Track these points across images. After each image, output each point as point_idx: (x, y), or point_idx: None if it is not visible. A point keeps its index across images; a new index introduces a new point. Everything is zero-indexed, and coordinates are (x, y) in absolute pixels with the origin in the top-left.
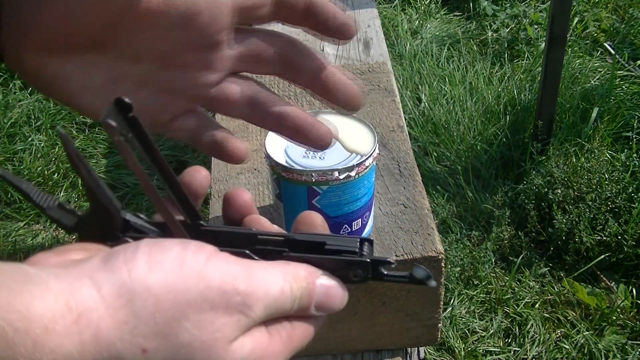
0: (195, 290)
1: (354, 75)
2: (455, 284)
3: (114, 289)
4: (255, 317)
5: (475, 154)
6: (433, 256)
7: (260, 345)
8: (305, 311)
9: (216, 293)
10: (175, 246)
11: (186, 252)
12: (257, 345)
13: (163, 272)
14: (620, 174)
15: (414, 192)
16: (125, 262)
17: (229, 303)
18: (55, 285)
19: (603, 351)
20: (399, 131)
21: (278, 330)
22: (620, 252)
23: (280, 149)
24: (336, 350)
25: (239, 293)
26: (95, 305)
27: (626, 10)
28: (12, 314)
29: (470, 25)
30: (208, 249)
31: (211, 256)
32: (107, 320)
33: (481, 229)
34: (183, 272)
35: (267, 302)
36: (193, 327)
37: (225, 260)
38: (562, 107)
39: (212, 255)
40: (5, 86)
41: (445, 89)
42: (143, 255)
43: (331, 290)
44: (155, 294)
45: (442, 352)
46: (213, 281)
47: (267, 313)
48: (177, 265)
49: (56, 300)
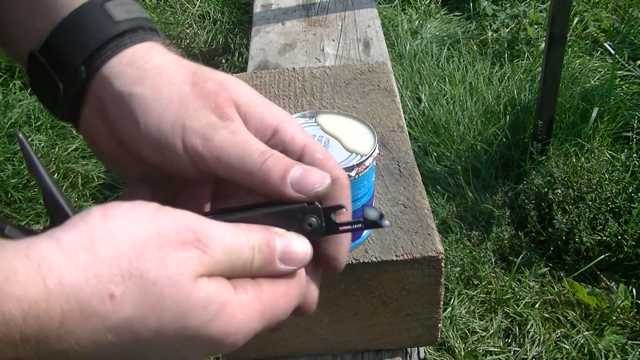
0: (151, 230)
1: (354, 75)
2: (455, 284)
3: (73, 238)
4: (214, 256)
5: (475, 154)
6: (433, 256)
7: (226, 292)
8: (271, 265)
9: (170, 231)
10: (124, 203)
11: (136, 205)
12: (223, 290)
13: (118, 219)
14: (620, 174)
15: (414, 192)
16: (81, 218)
17: (184, 239)
18: (11, 245)
19: (603, 351)
20: (399, 131)
21: (243, 286)
22: (620, 252)
23: None
24: (336, 350)
25: (192, 230)
26: (55, 253)
27: (626, 10)
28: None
29: (470, 25)
30: (156, 203)
31: (160, 206)
32: (70, 266)
33: (481, 229)
34: (136, 218)
35: (224, 246)
36: (156, 265)
37: (174, 209)
38: (562, 107)
39: (161, 206)
40: (5, 86)
41: (445, 89)
42: (97, 210)
43: (290, 239)
44: (114, 237)
45: (442, 352)
46: (165, 222)
47: (227, 260)
48: (130, 214)
49: (15, 254)
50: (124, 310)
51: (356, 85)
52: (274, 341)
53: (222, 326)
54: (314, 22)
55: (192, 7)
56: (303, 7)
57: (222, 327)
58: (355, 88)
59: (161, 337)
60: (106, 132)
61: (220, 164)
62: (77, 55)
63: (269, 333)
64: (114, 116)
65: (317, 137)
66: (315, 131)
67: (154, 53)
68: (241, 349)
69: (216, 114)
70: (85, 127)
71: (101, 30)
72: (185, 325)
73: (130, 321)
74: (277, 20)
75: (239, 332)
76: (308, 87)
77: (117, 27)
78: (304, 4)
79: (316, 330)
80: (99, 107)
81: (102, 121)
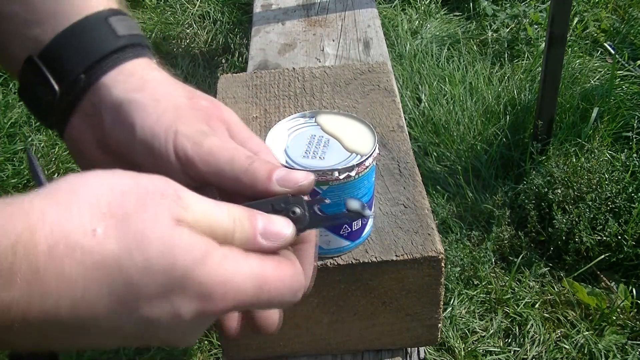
0: (130, 182)
1: (354, 75)
2: (455, 284)
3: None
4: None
5: (475, 154)
6: (433, 256)
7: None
8: (252, 239)
9: (150, 184)
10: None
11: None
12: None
13: (97, 174)
14: (620, 174)
15: (414, 192)
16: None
17: (164, 192)
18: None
19: (603, 351)
20: (399, 131)
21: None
22: (620, 252)
23: (280, 149)
24: (336, 350)
25: (172, 187)
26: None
27: (626, 10)
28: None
29: (470, 25)
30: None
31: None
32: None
33: (481, 229)
34: (115, 174)
35: (204, 209)
36: (136, 208)
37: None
38: (562, 107)
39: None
40: (5, 86)
41: (445, 89)
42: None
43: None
44: (93, 185)
45: (442, 352)
46: (145, 178)
47: (207, 223)
48: (109, 172)
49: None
50: (107, 245)
51: (356, 85)
52: (274, 341)
53: (210, 272)
54: (314, 22)
55: (192, 7)
56: (303, 7)
57: (210, 274)
58: (355, 88)
59: (150, 277)
60: (93, 139)
61: (209, 167)
62: (78, 63)
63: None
64: (110, 122)
65: (317, 137)
66: (315, 131)
67: (152, 68)
68: (241, 349)
69: (208, 125)
70: (72, 134)
71: (104, 42)
72: (173, 263)
73: (116, 257)
74: (277, 20)
75: (227, 283)
76: (308, 87)
77: (119, 41)
78: (304, 4)
79: (316, 330)
80: (92, 114)
81: (92, 130)
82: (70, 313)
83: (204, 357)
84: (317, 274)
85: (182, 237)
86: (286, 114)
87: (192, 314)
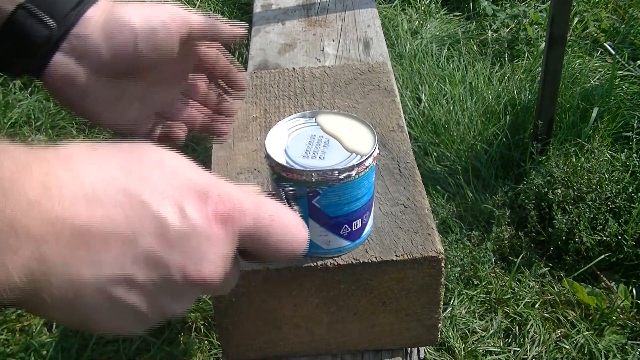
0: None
1: (354, 75)
2: (455, 284)
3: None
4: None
5: (475, 154)
6: (433, 256)
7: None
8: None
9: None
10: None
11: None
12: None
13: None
14: (620, 174)
15: (414, 192)
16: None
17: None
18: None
19: (603, 351)
20: (399, 131)
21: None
22: (620, 252)
23: (280, 148)
24: (336, 350)
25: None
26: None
27: (626, 10)
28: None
29: (470, 25)
30: None
31: None
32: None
33: (481, 229)
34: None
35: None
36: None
37: None
38: (562, 107)
39: None
40: (5, 86)
41: (445, 89)
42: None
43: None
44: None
45: (442, 352)
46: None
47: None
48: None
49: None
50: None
51: (356, 85)
52: (274, 341)
53: (210, 177)
54: (314, 22)
55: (192, 7)
56: (303, 7)
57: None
58: (355, 88)
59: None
60: (80, 70)
61: (197, 30)
62: (65, 4)
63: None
64: (103, 39)
65: (317, 137)
66: (315, 131)
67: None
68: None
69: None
70: (56, 71)
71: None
72: (175, 165)
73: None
74: (277, 20)
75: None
76: (308, 87)
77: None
78: (304, 4)
79: (316, 330)
80: (77, 46)
81: (78, 61)
82: (86, 216)
83: (204, 357)
84: (317, 274)
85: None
86: (286, 114)
87: (199, 215)
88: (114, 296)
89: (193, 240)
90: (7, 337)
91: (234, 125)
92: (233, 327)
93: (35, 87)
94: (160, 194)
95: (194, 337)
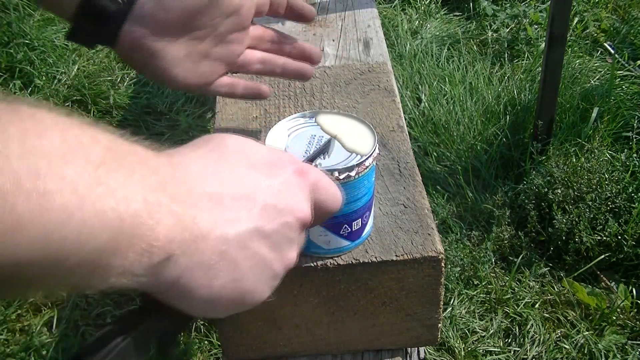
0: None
1: (354, 75)
2: (455, 284)
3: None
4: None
5: (475, 154)
6: (433, 256)
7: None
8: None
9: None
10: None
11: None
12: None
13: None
14: (620, 174)
15: (414, 192)
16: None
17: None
18: None
19: (603, 351)
20: (399, 131)
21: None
22: (620, 252)
23: (280, 148)
24: (336, 350)
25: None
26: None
27: (626, 10)
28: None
29: (470, 25)
30: None
31: None
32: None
33: (481, 229)
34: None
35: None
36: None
37: None
38: (562, 107)
39: None
40: (5, 86)
41: (445, 89)
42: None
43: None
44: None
45: (442, 352)
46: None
47: None
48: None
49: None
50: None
51: (356, 85)
52: (274, 341)
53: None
54: (313, 22)
55: None
56: None
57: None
58: (355, 88)
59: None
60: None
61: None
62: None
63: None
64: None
65: (317, 137)
66: (315, 131)
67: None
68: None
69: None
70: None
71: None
72: (277, 156)
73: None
74: (277, 20)
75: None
76: (308, 87)
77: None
78: None
79: (316, 330)
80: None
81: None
82: (215, 186)
83: (204, 357)
84: (317, 274)
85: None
86: (286, 114)
87: (287, 172)
88: (252, 249)
89: (291, 188)
90: (7, 337)
91: (234, 125)
92: (233, 327)
93: (35, 87)
94: (256, 165)
95: (194, 337)
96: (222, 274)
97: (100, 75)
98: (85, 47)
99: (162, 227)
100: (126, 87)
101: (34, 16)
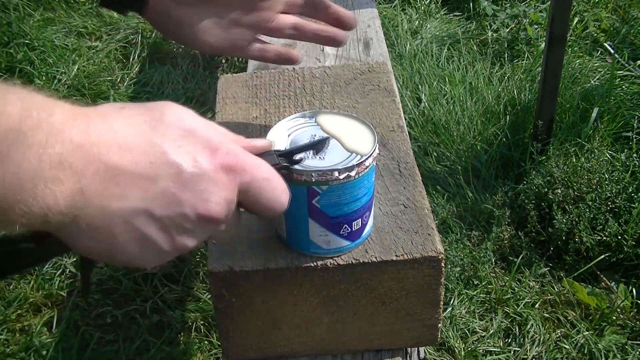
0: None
1: (354, 75)
2: (455, 284)
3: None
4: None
5: (475, 154)
6: (433, 256)
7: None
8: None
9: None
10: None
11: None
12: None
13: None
14: (620, 174)
15: (414, 192)
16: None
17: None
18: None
19: (603, 351)
20: (399, 131)
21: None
22: (620, 252)
23: (280, 148)
24: (336, 350)
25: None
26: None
27: (626, 10)
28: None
29: (470, 25)
30: None
31: None
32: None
33: (481, 229)
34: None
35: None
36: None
37: None
38: (562, 107)
39: None
40: None
41: (445, 89)
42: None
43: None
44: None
45: (442, 352)
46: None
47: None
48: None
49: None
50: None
51: (356, 85)
52: (274, 341)
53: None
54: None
55: None
56: None
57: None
58: (355, 88)
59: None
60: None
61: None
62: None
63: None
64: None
65: (317, 137)
66: (315, 131)
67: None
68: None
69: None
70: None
71: None
72: (187, 123)
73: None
74: None
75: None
76: (308, 87)
77: None
78: None
79: (316, 330)
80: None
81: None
82: (117, 158)
83: (204, 357)
84: (317, 274)
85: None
86: (286, 114)
87: (208, 164)
88: (136, 226)
89: (203, 182)
90: (7, 337)
91: (233, 125)
92: (233, 327)
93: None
94: (178, 146)
95: (194, 337)
96: (99, 239)
97: (100, 75)
98: (117, 13)
99: (51, 194)
100: (126, 87)
101: (34, 16)
